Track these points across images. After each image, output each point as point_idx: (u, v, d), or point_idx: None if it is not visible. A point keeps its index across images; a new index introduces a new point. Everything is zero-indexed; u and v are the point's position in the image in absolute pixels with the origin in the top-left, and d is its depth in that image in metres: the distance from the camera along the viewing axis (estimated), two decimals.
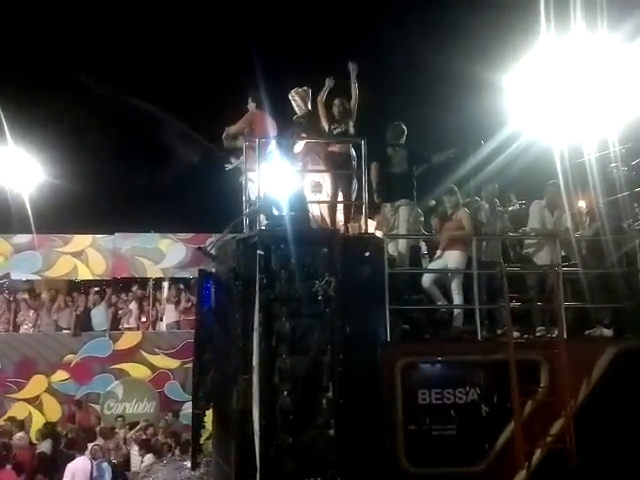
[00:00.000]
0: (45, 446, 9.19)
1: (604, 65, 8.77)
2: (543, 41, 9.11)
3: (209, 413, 7.17)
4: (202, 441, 7.29)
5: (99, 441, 9.27)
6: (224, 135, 7.17)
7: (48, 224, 13.37)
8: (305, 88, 7.26)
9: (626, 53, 8.60)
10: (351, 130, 7.10)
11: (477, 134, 8.70)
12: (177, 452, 9.56)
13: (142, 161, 16.88)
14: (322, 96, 7.18)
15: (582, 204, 7.69)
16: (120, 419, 11.14)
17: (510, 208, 7.74)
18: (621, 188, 7.06)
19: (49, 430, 9.67)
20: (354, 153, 6.99)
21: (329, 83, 7.15)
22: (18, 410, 11.72)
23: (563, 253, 6.74)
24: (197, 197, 16.37)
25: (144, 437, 9.96)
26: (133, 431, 10.39)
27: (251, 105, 7.26)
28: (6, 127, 12.85)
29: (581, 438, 5.72)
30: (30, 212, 13.16)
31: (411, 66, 14.00)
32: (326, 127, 7.17)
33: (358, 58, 7.22)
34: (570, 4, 8.83)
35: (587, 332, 6.61)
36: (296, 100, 7.25)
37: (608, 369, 6.04)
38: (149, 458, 9.18)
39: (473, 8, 13.30)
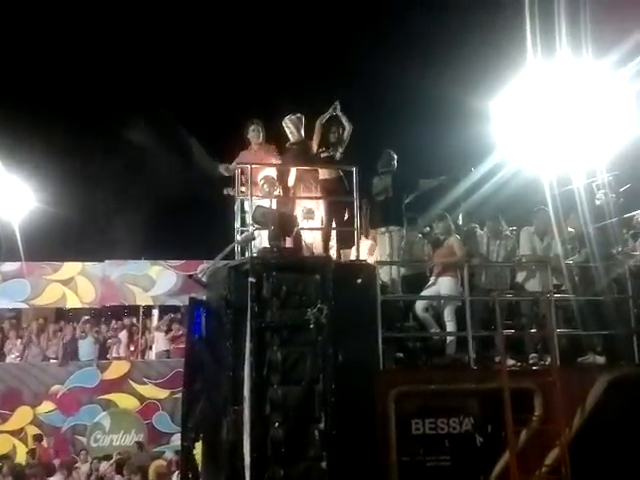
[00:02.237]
0: None
1: (591, 93, 8.94)
2: (530, 69, 9.28)
3: (198, 445, 7.02)
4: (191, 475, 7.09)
5: (58, 477, 9.06)
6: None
7: (38, 251, 13.27)
8: (298, 115, 7.30)
9: (613, 81, 8.77)
10: (338, 156, 7.15)
11: (465, 161, 8.79)
12: None
13: (133, 187, 16.86)
14: (323, 118, 7.20)
15: (571, 230, 7.73)
16: (83, 452, 10.92)
17: (509, 235, 7.75)
18: (610, 215, 7.12)
19: (9, 466, 9.50)
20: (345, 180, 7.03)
21: (334, 108, 7.18)
22: (1, 443, 11.44)
23: (555, 281, 6.74)
24: (188, 224, 16.35)
25: (102, 476, 9.64)
26: (107, 464, 10.07)
27: (254, 138, 7.22)
28: None
29: (577, 468, 5.64)
30: (19, 239, 13.06)
31: (399, 94, 14.20)
32: (315, 148, 7.21)
33: (346, 87, 7.31)
34: (556, 32, 9.03)
35: (579, 359, 6.58)
36: (289, 127, 7.29)
37: (602, 397, 6.00)
38: None
39: (460, 35, 13.58)
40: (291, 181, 7.17)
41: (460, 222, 7.80)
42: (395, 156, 7.39)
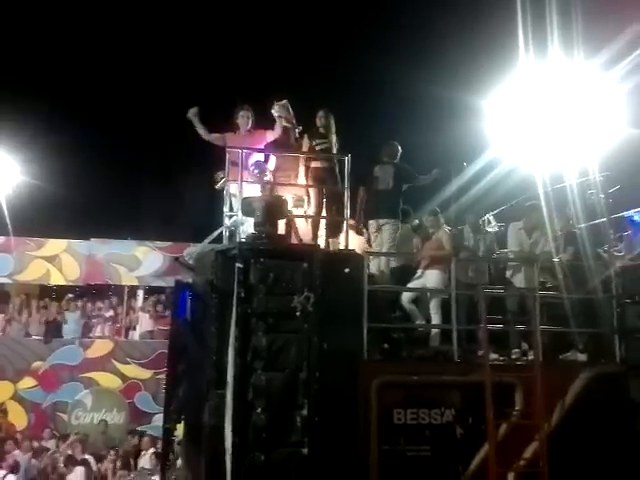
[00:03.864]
0: None
1: (583, 92, 8.97)
2: (522, 68, 9.28)
3: (180, 427, 7.02)
4: (172, 456, 7.11)
5: (18, 452, 9.06)
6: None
7: (23, 226, 13.12)
8: (282, 103, 7.20)
9: (604, 80, 8.81)
10: (334, 147, 7.09)
11: (459, 159, 8.80)
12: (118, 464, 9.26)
13: (123, 166, 16.72)
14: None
15: (558, 228, 7.78)
16: (47, 430, 10.88)
17: (489, 230, 7.80)
18: (600, 214, 7.17)
19: None
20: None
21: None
22: None
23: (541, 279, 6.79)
24: (177, 205, 16.24)
25: (69, 453, 9.58)
26: (64, 445, 10.03)
27: (242, 124, 7.16)
28: None
29: (554, 462, 5.72)
30: (7, 213, 12.90)
31: (393, 92, 14.15)
32: (307, 143, 7.15)
33: (342, 82, 7.23)
34: (547, 32, 9.03)
35: (561, 356, 6.65)
36: (276, 115, 7.22)
37: (582, 394, 6.08)
38: (79, 472, 8.92)
39: (454, 35, 13.55)
40: (271, 166, 7.09)
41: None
42: (400, 149, 7.35)
